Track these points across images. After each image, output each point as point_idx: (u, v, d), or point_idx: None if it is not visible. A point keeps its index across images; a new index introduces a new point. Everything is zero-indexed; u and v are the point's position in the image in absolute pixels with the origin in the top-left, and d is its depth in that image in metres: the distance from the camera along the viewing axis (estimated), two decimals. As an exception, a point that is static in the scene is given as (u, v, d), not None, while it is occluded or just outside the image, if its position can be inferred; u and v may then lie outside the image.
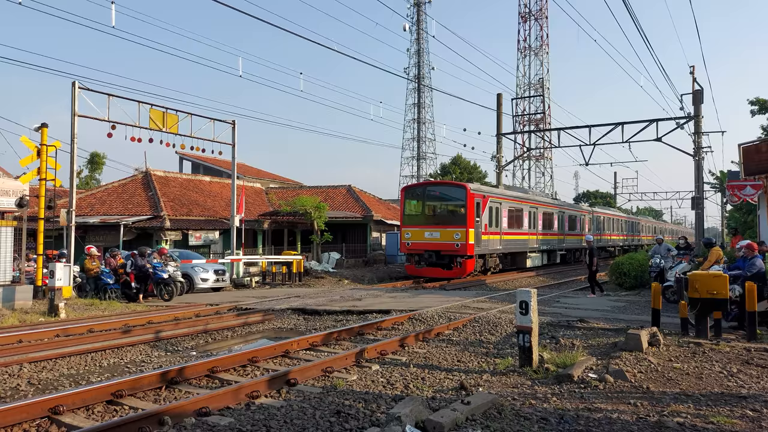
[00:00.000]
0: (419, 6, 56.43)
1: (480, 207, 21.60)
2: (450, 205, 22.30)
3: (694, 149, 25.84)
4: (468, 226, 20.76)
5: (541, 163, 55.26)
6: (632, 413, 5.38)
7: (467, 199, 21.12)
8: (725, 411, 5.46)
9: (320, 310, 12.77)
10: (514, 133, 34.41)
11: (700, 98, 25.59)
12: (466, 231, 20.70)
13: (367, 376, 7.07)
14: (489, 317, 11.30)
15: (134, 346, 9.18)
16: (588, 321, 10.91)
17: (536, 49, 53.88)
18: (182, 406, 5.45)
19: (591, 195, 77.21)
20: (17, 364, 7.71)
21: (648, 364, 7.32)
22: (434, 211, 22.53)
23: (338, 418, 5.28)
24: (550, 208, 29.94)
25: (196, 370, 7.11)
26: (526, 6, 53.76)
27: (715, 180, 37.75)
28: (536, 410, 5.45)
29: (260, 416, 5.33)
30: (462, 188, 21.77)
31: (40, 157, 14.46)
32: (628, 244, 46.87)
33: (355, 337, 9.89)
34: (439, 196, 22.97)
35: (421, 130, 57.45)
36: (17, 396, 6.45)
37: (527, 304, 7.22)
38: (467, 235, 20.66)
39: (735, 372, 7.04)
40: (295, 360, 8.18)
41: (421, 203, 22.83)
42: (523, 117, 48.55)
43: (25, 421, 5.33)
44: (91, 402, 5.90)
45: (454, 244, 20.72)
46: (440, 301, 14.00)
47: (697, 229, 27.35)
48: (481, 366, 7.64)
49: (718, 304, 9.14)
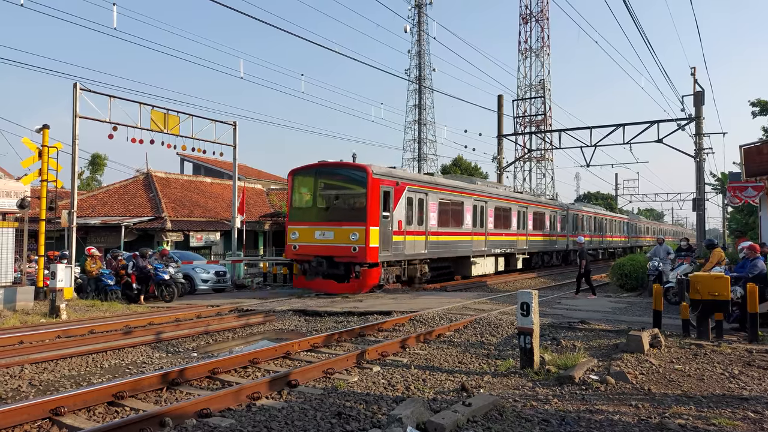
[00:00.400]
0: (420, 7, 56.43)
1: (390, 197, 16.33)
2: (347, 195, 16.62)
3: (695, 150, 25.85)
4: (369, 223, 15.43)
5: (542, 165, 55.21)
6: (634, 415, 5.37)
7: (368, 185, 15.70)
8: (727, 413, 5.45)
9: (321, 312, 12.76)
10: (515, 134, 34.48)
11: (701, 99, 25.62)
12: (366, 229, 15.36)
13: (368, 378, 7.06)
14: (490, 318, 11.29)
15: (135, 347, 9.18)
16: (589, 322, 10.90)
17: (537, 50, 53.86)
18: (183, 407, 5.45)
19: (592, 196, 77.23)
20: (18, 365, 7.71)
21: (649, 366, 7.31)
22: (328, 203, 16.81)
23: (339, 419, 5.27)
24: (506, 203, 24.96)
25: (197, 372, 7.10)
26: (527, 7, 53.75)
27: (717, 181, 37.71)
28: (537, 412, 5.45)
29: (261, 417, 5.33)
30: (361, 171, 16.01)
31: (42, 158, 14.49)
32: (615, 246, 43.04)
33: (356, 338, 9.88)
34: (335, 182, 17.02)
35: (422, 132, 57.42)
36: (18, 397, 6.45)
37: (528, 306, 7.22)
38: (367, 236, 15.34)
39: (737, 374, 7.03)
40: (296, 361, 8.18)
41: (313, 192, 16.99)
42: (524, 118, 48.58)
43: (26, 422, 5.33)
44: (92, 403, 5.89)
45: (351, 247, 15.45)
46: (441, 302, 13.99)
47: (698, 231, 27.35)
48: (482, 367, 7.63)
49: (720, 306, 9.13)
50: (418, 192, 17.93)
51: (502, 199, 24.55)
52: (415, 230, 17.71)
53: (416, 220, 17.72)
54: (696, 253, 17.82)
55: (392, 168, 17.80)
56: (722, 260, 12.65)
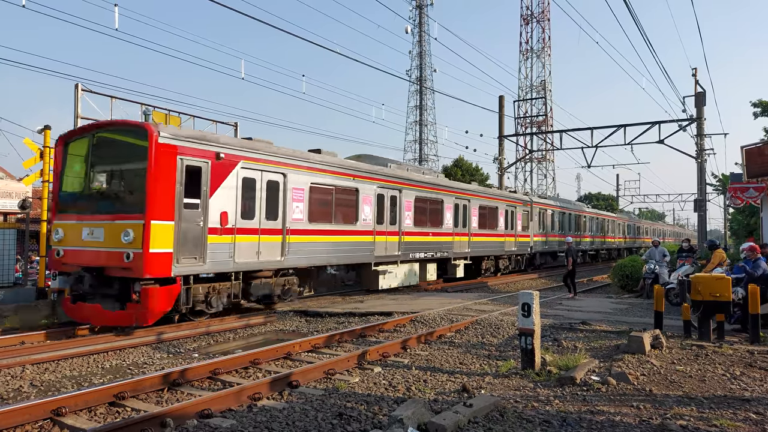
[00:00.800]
0: (421, 8, 56.49)
1: (203, 176, 10.96)
2: (123, 172, 10.95)
3: (696, 151, 25.84)
4: (152, 215, 10.01)
5: (543, 165, 55.24)
6: (635, 416, 5.37)
7: (152, 156, 10.12)
8: (728, 414, 5.44)
9: (322, 312, 12.77)
10: (516, 135, 34.42)
11: (703, 100, 25.60)
12: (145, 225, 9.95)
13: (369, 379, 7.07)
14: (491, 319, 11.29)
15: (136, 347, 9.19)
16: (590, 323, 10.90)
17: (538, 51, 53.92)
18: (184, 407, 5.46)
19: (593, 197, 77.24)
20: (20, 366, 7.72)
21: (650, 367, 7.30)
22: (100, 185, 11.24)
23: (340, 420, 5.27)
24: (432, 192, 18.78)
25: (198, 372, 7.11)
26: (528, 8, 53.81)
27: (718, 182, 37.70)
28: (539, 413, 5.44)
29: (262, 418, 5.33)
30: (140, 133, 10.42)
31: (43, 159, 14.50)
32: (596, 248, 38.23)
33: (357, 339, 9.89)
34: (110, 152, 11.08)
35: (423, 133, 57.47)
36: (20, 397, 6.46)
37: (529, 307, 7.22)
38: (147, 234, 9.91)
39: (738, 375, 7.02)
40: (297, 362, 8.18)
41: (85, 168, 11.29)
42: (525, 119, 48.56)
43: (28, 422, 5.34)
44: (94, 404, 5.90)
45: (124, 253, 9.99)
46: (442, 303, 13.99)
47: (699, 232, 27.33)
48: (483, 368, 7.63)
49: (721, 307, 9.12)
50: (265, 171, 12.37)
51: (423, 187, 18.32)
52: (261, 227, 12.18)
53: (262, 212, 12.26)
54: (698, 253, 17.82)
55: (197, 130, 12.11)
56: (723, 261, 12.64)
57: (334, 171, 14.53)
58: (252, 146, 12.26)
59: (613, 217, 43.76)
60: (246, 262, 11.82)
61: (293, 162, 13.21)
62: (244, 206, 11.85)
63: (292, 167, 13.14)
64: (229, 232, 11.44)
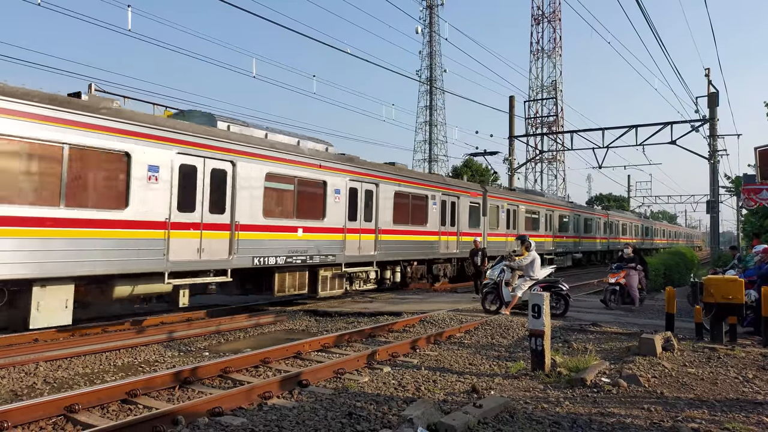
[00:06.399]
0: (432, 8, 56.44)
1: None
2: None
3: (709, 152, 25.62)
4: None
5: (554, 166, 54.98)
6: (646, 418, 5.34)
7: None
8: (740, 417, 5.40)
9: (332, 312, 12.80)
10: (527, 135, 34.31)
11: (716, 101, 25.36)
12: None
13: (379, 378, 7.08)
14: (501, 320, 11.26)
15: (148, 345, 9.26)
16: (601, 325, 10.83)
17: (549, 51, 53.68)
18: (195, 405, 5.50)
19: (604, 198, 76.79)
20: (33, 363, 7.81)
21: (662, 369, 7.25)
22: None
23: (350, 419, 5.29)
24: (322, 173, 13.63)
25: (209, 371, 7.16)
26: (539, 8, 53.60)
27: (731, 184, 37.34)
28: (549, 414, 5.43)
29: (273, 417, 5.36)
30: None
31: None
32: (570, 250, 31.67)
33: (366, 339, 9.90)
34: None
35: (433, 133, 57.41)
36: (33, 394, 6.54)
37: (540, 308, 7.19)
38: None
39: (750, 378, 6.95)
40: (307, 361, 8.21)
41: None
42: (536, 119, 48.39)
43: (42, 418, 5.41)
44: (106, 401, 5.97)
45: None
46: (451, 303, 13.97)
47: (712, 233, 27.09)
48: (493, 369, 7.62)
49: (734, 309, 9.05)
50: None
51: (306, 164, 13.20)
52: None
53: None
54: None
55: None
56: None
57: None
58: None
59: (584, 211, 35.98)
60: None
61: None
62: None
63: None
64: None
